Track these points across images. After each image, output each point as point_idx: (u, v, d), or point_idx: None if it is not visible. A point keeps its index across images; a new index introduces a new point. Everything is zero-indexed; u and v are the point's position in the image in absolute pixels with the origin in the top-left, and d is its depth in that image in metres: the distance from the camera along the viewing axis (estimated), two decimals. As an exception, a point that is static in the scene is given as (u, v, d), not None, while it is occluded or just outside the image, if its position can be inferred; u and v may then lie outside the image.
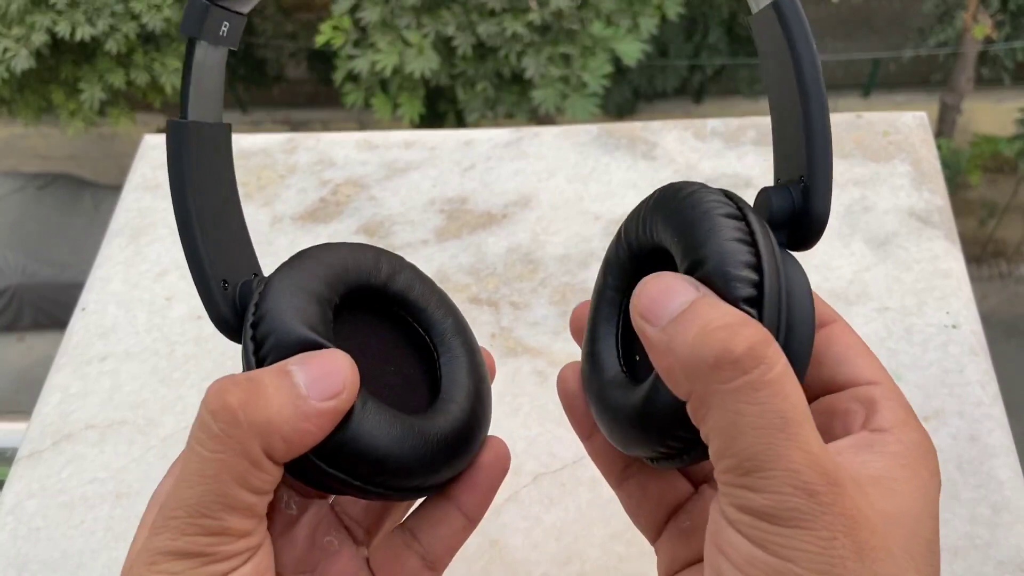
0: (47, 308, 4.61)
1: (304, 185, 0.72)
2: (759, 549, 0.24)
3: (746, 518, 0.25)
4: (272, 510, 0.31)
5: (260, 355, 0.30)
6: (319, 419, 0.28)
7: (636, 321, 0.28)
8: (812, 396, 0.30)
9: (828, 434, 0.29)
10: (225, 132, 0.34)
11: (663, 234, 0.30)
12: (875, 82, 5.70)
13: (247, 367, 0.30)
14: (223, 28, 0.32)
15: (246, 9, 0.33)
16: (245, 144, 0.75)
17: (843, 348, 0.30)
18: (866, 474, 0.26)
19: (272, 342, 0.30)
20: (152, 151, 0.75)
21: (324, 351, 0.29)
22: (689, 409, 0.27)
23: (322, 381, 0.28)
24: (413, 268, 0.36)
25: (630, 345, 0.34)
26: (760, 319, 0.27)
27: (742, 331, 0.25)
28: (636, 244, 0.32)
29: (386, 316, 0.36)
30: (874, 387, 0.29)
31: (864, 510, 0.25)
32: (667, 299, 0.27)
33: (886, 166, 0.67)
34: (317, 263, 0.33)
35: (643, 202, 0.32)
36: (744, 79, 5.56)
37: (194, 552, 0.27)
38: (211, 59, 0.32)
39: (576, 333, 0.37)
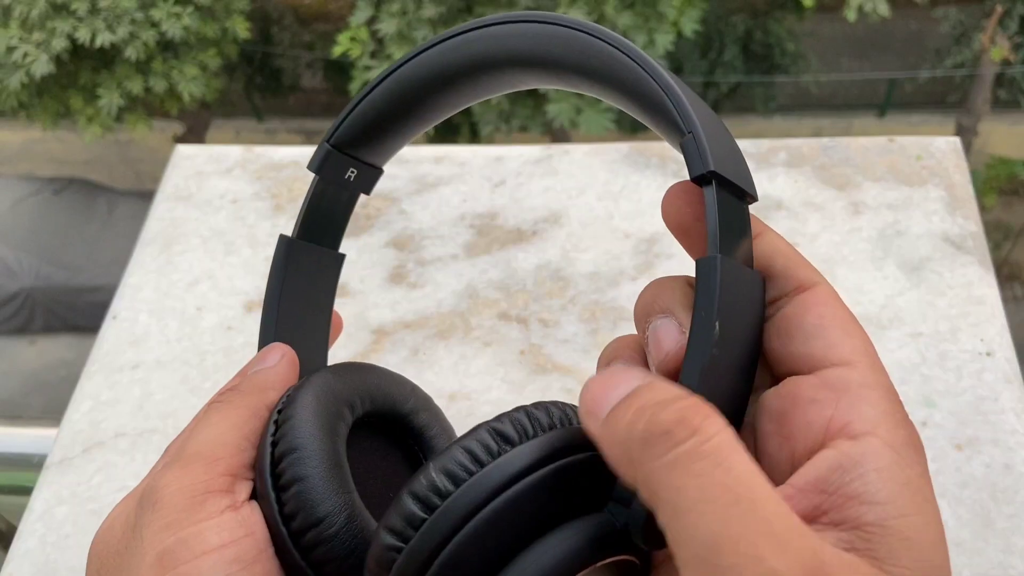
0: (59, 311, 4.63)
1: (334, 197, 0.72)
2: None
3: None
4: None
5: (275, 454, 0.31)
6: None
7: (583, 421, 0.25)
8: (778, 377, 0.26)
9: (785, 428, 0.25)
10: (334, 261, 0.36)
11: None
12: (891, 102, 5.70)
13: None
14: (349, 173, 0.34)
15: (377, 162, 0.34)
16: (276, 156, 0.75)
17: (816, 319, 0.26)
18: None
19: (285, 444, 0.31)
20: (184, 161, 0.75)
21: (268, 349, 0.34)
22: (643, 501, 0.23)
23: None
24: (435, 410, 0.38)
25: None
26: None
27: (674, 404, 0.23)
28: None
29: (400, 445, 0.37)
30: (847, 370, 0.24)
31: None
32: (608, 391, 0.24)
33: (919, 190, 0.67)
34: (350, 379, 0.34)
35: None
36: (759, 97, 5.57)
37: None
38: (330, 196, 0.35)
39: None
